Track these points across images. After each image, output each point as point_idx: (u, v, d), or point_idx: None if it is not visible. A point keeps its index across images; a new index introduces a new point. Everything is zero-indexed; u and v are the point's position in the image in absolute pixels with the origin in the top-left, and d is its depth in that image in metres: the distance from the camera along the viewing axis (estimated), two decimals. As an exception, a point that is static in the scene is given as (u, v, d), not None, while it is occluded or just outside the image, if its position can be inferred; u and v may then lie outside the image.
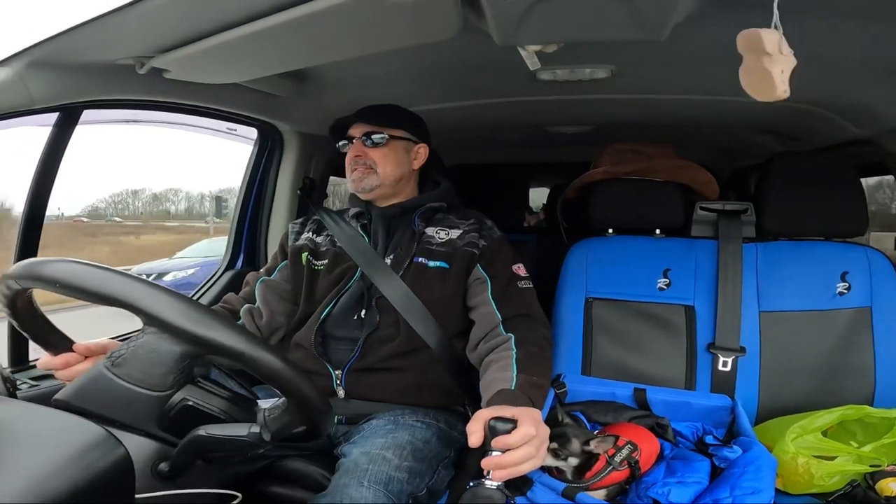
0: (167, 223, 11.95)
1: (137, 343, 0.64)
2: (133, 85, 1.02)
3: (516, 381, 0.94)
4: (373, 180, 1.16)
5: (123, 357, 0.64)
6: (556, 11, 0.81)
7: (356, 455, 0.94)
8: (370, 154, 1.17)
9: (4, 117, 0.87)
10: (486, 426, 0.77)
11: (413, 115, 1.24)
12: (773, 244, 1.27)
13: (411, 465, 0.94)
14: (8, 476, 0.50)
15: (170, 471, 0.63)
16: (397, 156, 1.19)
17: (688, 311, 1.26)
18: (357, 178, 1.17)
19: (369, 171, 1.16)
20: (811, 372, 1.19)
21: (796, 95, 1.35)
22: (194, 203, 12.92)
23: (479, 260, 1.14)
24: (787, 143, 1.82)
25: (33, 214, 1.07)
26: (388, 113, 1.20)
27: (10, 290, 0.66)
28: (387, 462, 0.91)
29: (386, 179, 1.17)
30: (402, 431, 1.01)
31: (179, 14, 0.79)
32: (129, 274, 0.62)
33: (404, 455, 0.94)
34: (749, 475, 0.86)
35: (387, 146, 1.17)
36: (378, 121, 1.18)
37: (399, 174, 1.19)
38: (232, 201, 1.81)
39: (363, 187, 1.17)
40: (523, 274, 1.16)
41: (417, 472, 0.94)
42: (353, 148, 1.18)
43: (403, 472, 0.91)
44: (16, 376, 0.97)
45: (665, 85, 1.37)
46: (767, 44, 0.63)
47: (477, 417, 0.79)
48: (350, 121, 1.19)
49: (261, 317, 1.18)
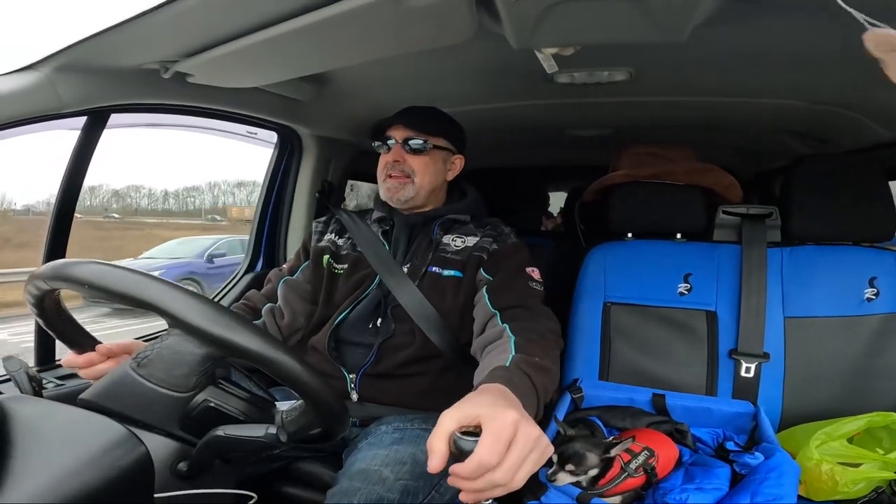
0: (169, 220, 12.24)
1: (162, 344, 0.65)
2: (158, 89, 1.05)
3: (512, 360, 0.82)
4: (409, 191, 1.14)
5: (148, 358, 0.65)
6: (573, 14, 0.81)
7: (355, 470, 0.93)
8: (409, 161, 1.14)
9: (36, 121, 0.90)
10: (450, 441, 0.59)
11: (454, 123, 1.21)
12: (800, 249, 1.24)
13: (406, 483, 0.91)
14: (33, 474, 0.51)
15: (188, 470, 0.64)
16: (436, 166, 1.16)
17: (709, 317, 1.24)
18: (393, 186, 1.14)
19: (406, 179, 1.13)
20: (837, 378, 1.16)
21: (824, 97, 1.33)
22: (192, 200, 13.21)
23: (485, 263, 1.11)
24: (814, 146, 1.78)
25: (62, 216, 1.10)
26: (433, 118, 1.17)
27: (39, 290, 0.68)
28: (381, 482, 0.89)
29: (421, 190, 1.15)
30: (407, 443, 1.00)
31: (202, 19, 0.81)
32: (154, 276, 0.63)
33: (402, 472, 0.92)
34: (771, 482, 0.84)
35: (427, 154, 1.14)
36: (422, 126, 1.14)
37: (434, 185, 1.17)
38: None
39: (398, 198, 1.14)
40: (537, 277, 1.12)
41: (411, 491, 0.91)
42: (393, 152, 1.14)
43: (396, 493, 0.89)
44: (42, 375, 0.99)
45: (685, 87, 1.35)
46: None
47: (438, 427, 0.60)
48: (391, 122, 1.16)
49: (282, 317, 1.18)
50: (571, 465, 0.89)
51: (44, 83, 0.88)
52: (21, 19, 0.91)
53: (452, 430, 0.60)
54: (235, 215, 12.23)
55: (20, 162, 5.96)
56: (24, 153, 1.27)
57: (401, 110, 1.17)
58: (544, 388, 0.81)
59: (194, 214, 13.90)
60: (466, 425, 0.60)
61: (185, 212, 14.08)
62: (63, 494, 0.51)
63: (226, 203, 14.02)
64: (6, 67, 0.86)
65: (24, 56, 0.87)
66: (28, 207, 8.59)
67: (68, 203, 1.10)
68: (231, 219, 12.33)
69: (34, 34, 0.88)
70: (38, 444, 0.55)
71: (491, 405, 0.63)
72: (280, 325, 1.18)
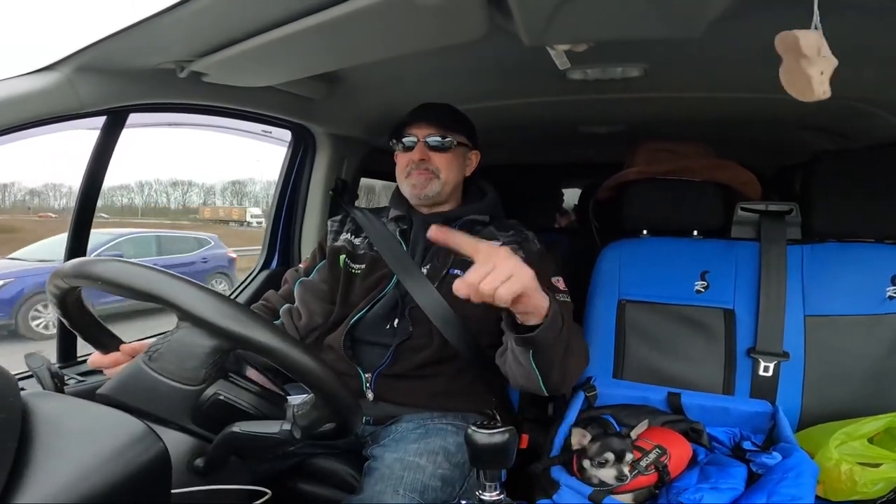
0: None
1: (172, 338, 0.66)
2: (174, 89, 1.06)
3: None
4: (435, 187, 1.14)
5: (159, 352, 0.66)
6: (585, 10, 0.80)
7: (390, 460, 0.94)
8: (433, 159, 1.13)
9: (56, 121, 0.92)
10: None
11: (468, 119, 1.21)
12: (820, 246, 1.22)
13: (444, 472, 0.93)
14: (54, 470, 0.52)
15: (205, 466, 0.65)
16: (459, 162, 1.17)
17: (727, 315, 1.22)
18: (419, 183, 1.13)
19: (431, 176, 1.13)
20: (858, 377, 1.15)
21: (846, 92, 1.30)
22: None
23: None
24: (836, 141, 1.74)
25: (83, 215, 1.12)
26: (451, 115, 1.17)
27: (59, 288, 0.69)
28: (421, 470, 0.91)
29: (446, 186, 1.15)
30: (433, 436, 1.01)
31: (216, 18, 0.82)
32: (166, 272, 0.64)
33: (438, 461, 0.93)
34: (788, 481, 0.83)
35: (450, 152, 1.15)
36: (443, 124, 1.15)
37: (457, 181, 1.17)
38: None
39: (426, 194, 1.14)
40: (562, 287, 1.12)
41: (450, 480, 0.94)
42: (417, 150, 1.14)
43: (437, 481, 0.91)
44: (64, 372, 1.01)
45: (701, 83, 1.33)
46: (805, 46, 0.61)
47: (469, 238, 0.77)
48: (411, 120, 1.16)
49: (299, 317, 1.19)
50: (625, 468, 0.90)
51: (63, 83, 0.90)
52: (40, 20, 0.93)
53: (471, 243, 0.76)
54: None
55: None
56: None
57: (418, 108, 1.17)
58: (564, 317, 0.87)
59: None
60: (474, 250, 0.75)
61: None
62: (84, 491, 0.52)
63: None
64: (26, 68, 0.88)
65: (43, 56, 0.88)
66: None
67: (89, 202, 1.12)
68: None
69: (52, 34, 0.90)
70: (60, 440, 0.56)
71: (509, 257, 0.75)
72: (297, 325, 1.19)
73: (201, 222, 11.86)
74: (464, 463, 0.99)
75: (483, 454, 0.65)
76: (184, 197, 12.45)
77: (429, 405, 1.09)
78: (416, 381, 1.10)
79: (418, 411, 1.09)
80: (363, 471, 0.95)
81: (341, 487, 1.02)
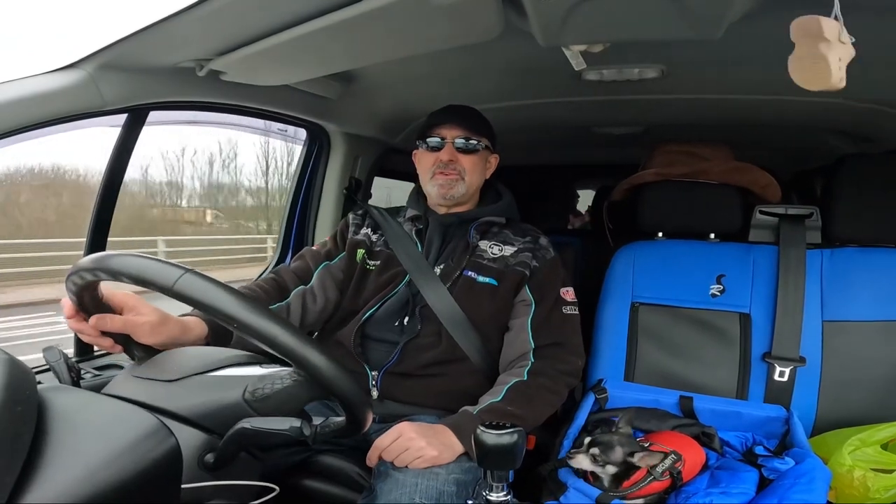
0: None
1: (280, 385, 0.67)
2: (194, 87, 1.08)
3: (486, 407, 0.99)
4: (461, 188, 1.15)
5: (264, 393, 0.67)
6: (601, 11, 0.79)
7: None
8: (462, 161, 1.14)
9: (79, 118, 0.93)
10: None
11: (490, 123, 1.22)
12: (841, 251, 1.20)
13: (458, 477, 0.93)
14: (67, 463, 0.53)
15: (215, 462, 0.65)
16: (482, 165, 1.18)
17: (743, 319, 1.21)
18: (446, 183, 1.14)
19: (458, 177, 1.14)
20: (876, 384, 1.13)
21: (869, 95, 1.27)
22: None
23: (529, 281, 1.12)
24: (859, 145, 1.71)
25: (103, 210, 1.14)
26: (478, 118, 1.18)
27: (78, 282, 0.69)
28: (435, 476, 0.91)
29: (470, 188, 1.16)
30: None
31: (234, 17, 0.83)
32: (163, 260, 0.63)
33: (451, 466, 0.93)
34: (800, 487, 0.82)
35: (478, 154, 1.16)
36: (472, 126, 1.16)
37: (479, 184, 1.18)
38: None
39: (452, 195, 1.15)
40: (570, 299, 1.14)
41: (463, 484, 0.93)
42: (446, 151, 1.14)
43: (452, 486, 0.91)
44: (80, 366, 1.02)
45: (720, 85, 1.31)
46: (826, 30, 0.60)
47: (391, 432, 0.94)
48: (441, 121, 1.16)
49: (314, 301, 1.17)
50: (596, 450, 0.90)
51: (87, 81, 0.91)
52: (62, 17, 0.95)
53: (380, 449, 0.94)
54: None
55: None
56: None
57: (445, 109, 1.18)
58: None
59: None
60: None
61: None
62: (97, 484, 0.53)
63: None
64: (50, 66, 0.90)
65: (66, 54, 0.90)
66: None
67: (110, 197, 1.14)
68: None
69: (74, 32, 0.91)
70: (74, 433, 0.57)
71: (418, 428, 0.94)
72: (310, 309, 1.17)
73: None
74: (476, 466, 0.99)
75: (491, 454, 0.66)
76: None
77: (433, 405, 1.09)
78: (423, 380, 1.10)
79: (425, 411, 1.09)
80: (373, 473, 0.95)
81: (348, 485, 1.02)
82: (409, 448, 0.91)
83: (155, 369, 0.73)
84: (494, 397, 1.01)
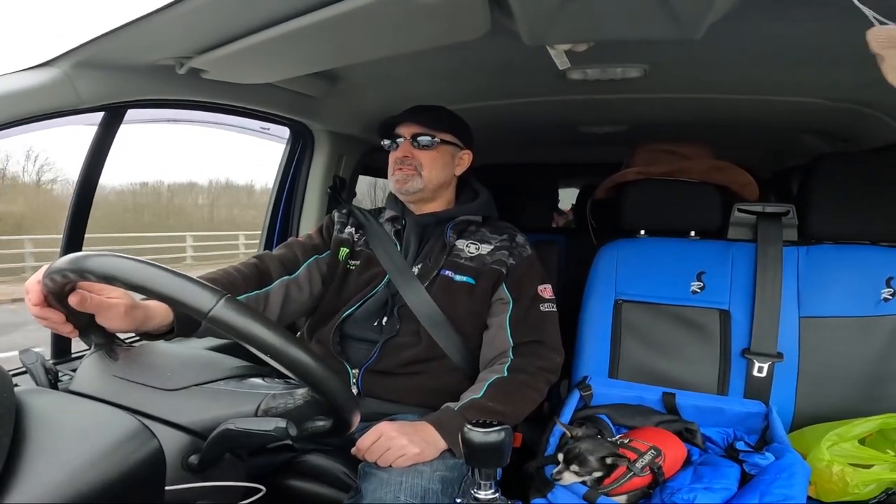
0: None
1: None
2: (173, 85, 1.05)
3: (468, 403, 1.00)
4: (417, 183, 1.16)
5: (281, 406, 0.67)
6: (586, 11, 0.80)
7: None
8: (417, 156, 1.16)
9: (53, 116, 0.91)
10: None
11: (461, 120, 1.23)
12: (816, 248, 1.23)
13: (443, 474, 0.94)
14: (48, 467, 0.52)
15: (199, 464, 0.64)
16: (444, 160, 1.19)
17: (722, 316, 1.23)
18: (402, 178, 1.16)
19: (414, 172, 1.16)
20: (852, 379, 1.15)
21: (845, 95, 1.30)
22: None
23: (506, 279, 1.13)
24: (835, 144, 1.75)
25: (79, 210, 1.11)
26: (439, 115, 1.20)
27: (55, 283, 0.68)
28: (420, 474, 0.91)
29: (429, 183, 1.17)
30: None
31: (216, 15, 0.82)
32: (145, 261, 0.61)
33: (436, 464, 0.94)
34: (781, 482, 0.84)
35: (435, 150, 1.17)
36: (429, 123, 1.17)
37: (442, 179, 1.19)
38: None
39: (407, 189, 1.16)
40: (548, 296, 1.15)
41: (449, 482, 0.94)
42: (401, 148, 1.17)
43: (437, 483, 0.91)
44: (58, 368, 1.00)
45: (701, 84, 1.33)
46: None
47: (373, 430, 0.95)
48: (399, 120, 1.18)
49: (299, 292, 1.16)
50: (576, 466, 0.90)
51: (62, 79, 0.89)
52: (38, 16, 0.92)
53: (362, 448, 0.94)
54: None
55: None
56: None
57: (409, 108, 1.19)
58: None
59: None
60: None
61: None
62: (78, 487, 0.52)
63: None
64: (25, 63, 0.88)
65: (42, 52, 0.88)
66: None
67: (86, 197, 1.12)
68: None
69: (50, 31, 0.89)
70: (54, 436, 0.55)
71: (398, 427, 0.94)
72: (293, 300, 1.15)
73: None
74: (461, 463, 0.99)
75: (478, 453, 0.66)
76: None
77: (415, 403, 1.10)
78: (403, 378, 1.10)
79: (407, 409, 1.09)
80: (358, 472, 0.95)
81: (334, 485, 1.02)
82: (391, 447, 0.91)
83: (142, 372, 0.70)
84: (475, 394, 1.02)
